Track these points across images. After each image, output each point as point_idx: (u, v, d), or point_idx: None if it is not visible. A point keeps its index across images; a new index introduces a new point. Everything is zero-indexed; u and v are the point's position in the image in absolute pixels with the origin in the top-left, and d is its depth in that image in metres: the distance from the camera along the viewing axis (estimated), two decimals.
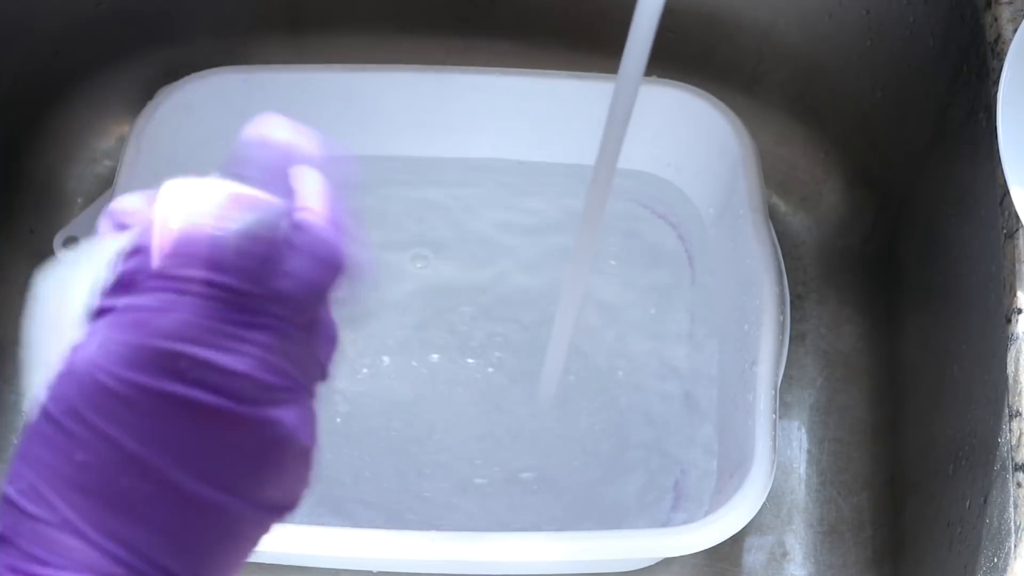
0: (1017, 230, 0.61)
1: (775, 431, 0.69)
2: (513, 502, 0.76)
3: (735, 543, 0.77)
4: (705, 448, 0.77)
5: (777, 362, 0.72)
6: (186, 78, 0.82)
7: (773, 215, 0.85)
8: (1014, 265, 0.61)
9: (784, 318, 0.74)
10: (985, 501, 0.61)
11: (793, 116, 0.88)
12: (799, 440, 0.81)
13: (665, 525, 0.75)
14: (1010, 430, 0.58)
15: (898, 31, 0.78)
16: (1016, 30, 0.62)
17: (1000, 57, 0.64)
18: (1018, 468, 0.57)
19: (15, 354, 0.78)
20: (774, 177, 0.87)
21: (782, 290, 0.75)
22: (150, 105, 0.81)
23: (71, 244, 0.84)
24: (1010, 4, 0.67)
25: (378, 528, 0.69)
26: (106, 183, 0.86)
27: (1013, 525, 0.56)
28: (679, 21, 0.83)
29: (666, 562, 0.77)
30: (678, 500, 0.76)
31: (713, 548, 0.67)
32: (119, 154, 0.80)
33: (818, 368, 0.84)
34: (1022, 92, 0.60)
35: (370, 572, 0.72)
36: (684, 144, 0.84)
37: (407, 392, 0.80)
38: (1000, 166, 0.59)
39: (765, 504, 0.68)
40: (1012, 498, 0.57)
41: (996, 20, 0.67)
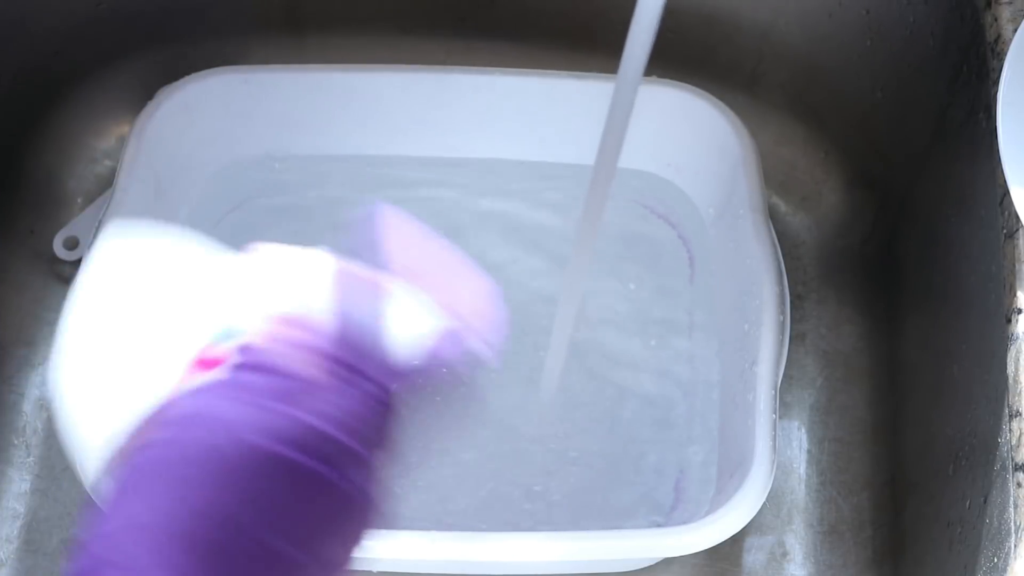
0: (1017, 230, 0.61)
1: (775, 431, 0.69)
2: (513, 502, 0.76)
3: (735, 543, 0.77)
4: (705, 448, 0.77)
5: (777, 362, 0.72)
6: (186, 78, 0.82)
7: (773, 215, 0.85)
8: (1014, 265, 0.61)
9: (784, 318, 0.74)
10: (985, 501, 0.61)
11: (793, 116, 0.88)
12: (799, 440, 0.81)
13: (665, 525, 0.75)
14: (1010, 430, 0.58)
15: (898, 31, 0.78)
16: (1016, 30, 0.62)
17: (1000, 57, 0.64)
18: (1018, 468, 0.57)
19: (15, 354, 0.78)
20: (774, 177, 0.87)
21: (782, 290, 0.75)
22: (150, 105, 0.81)
23: (71, 244, 0.84)
24: (1010, 4, 0.67)
25: (377, 528, 0.69)
26: (106, 183, 0.86)
27: (1013, 525, 0.56)
28: (679, 21, 0.83)
29: (666, 562, 0.77)
30: (678, 500, 0.76)
31: (713, 548, 0.67)
32: (119, 154, 0.80)
33: (818, 368, 0.84)
34: (1022, 92, 0.60)
35: (370, 572, 0.72)
36: (684, 144, 0.84)
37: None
38: (1000, 166, 0.59)
39: (765, 504, 0.68)
40: (1012, 498, 0.57)
41: (996, 20, 0.67)
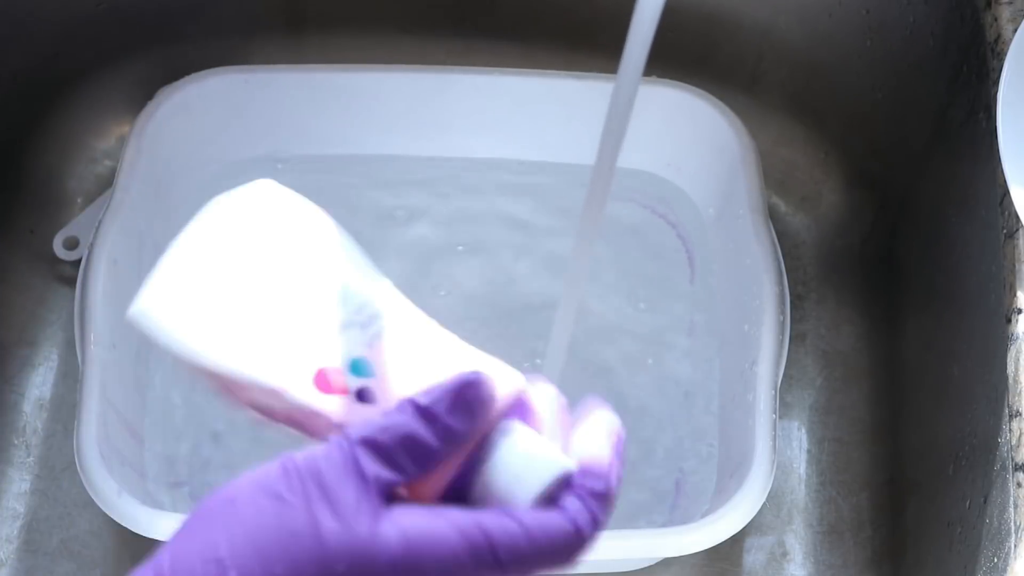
0: (1017, 230, 0.61)
1: (775, 431, 0.69)
2: None
3: (735, 543, 0.77)
4: (705, 448, 0.77)
5: (777, 362, 0.72)
6: (186, 78, 0.82)
7: (773, 215, 0.85)
8: (1014, 265, 0.61)
9: (784, 318, 0.74)
10: (985, 501, 0.61)
11: (793, 116, 0.88)
12: (799, 440, 0.81)
13: (665, 525, 0.75)
14: (1010, 430, 0.58)
15: (898, 31, 0.78)
16: (1016, 30, 0.62)
17: (1000, 57, 0.64)
18: (1018, 468, 0.57)
19: (15, 354, 0.78)
20: (774, 177, 0.87)
21: (782, 290, 0.75)
22: (150, 105, 0.81)
23: (71, 244, 0.84)
24: (1010, 4, 0.67)
25: None
26: (106, 183, 0.86)
27: (1013, 525, 0.56)
28: (679, 21, 0.83)
29: (666, 562, 0.77)
30: (678, 500, 0.76)
31: (713, 548, 0.67)
32: (119, 154, 0.80)
33: (818, 368, 0.84)
34: (1022, 92, 0.60)
35: None
36: (684, 144, 0.84)
37: None
38: (1000, 166, 0.59)
39: (765, 504, 0.68)
40: (1012, 498, 0.57)
41: (996, 20, 0.67)
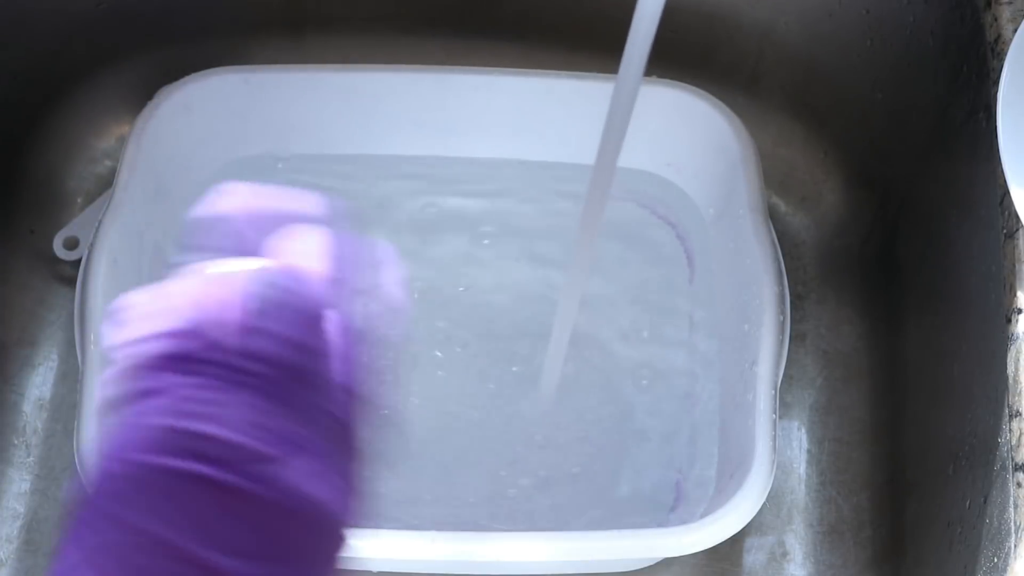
0: (1017, 230, 0.61)
1: (775, 431, 0.69)
2: (513, 502, 0.76)
3: (735, 543, 0.77)
4: (705, 448, 0.77)
5: (777, 362, 0.72)
6: (186, 78, 0.82)
7: (773, 215, 0.85)
8: (1014, 265, 0.61)
9: (784, 318, 0.74)
10: (985, 501, 0.61)
11: (793, 116, 0.88)
12: (799, 440, 0.81)
13: (665, 525, 0.75)
14: (1010, 430, 0.58)
15: (898, 31, 0.78)
16: (1016, 30, 0.62)
17: (1000, 57, 0.64)
18: (1018, 468, 0.57)
19: (15, 354, 0.78)
20: (774, 177, 0.87)
21: (782, 290, 0.75)
22: (150, 105, 0.81)
23: (71, 244, 0.84)
24: (1010, 4, 0.67)
25: (378, 528, 0.69)
26: (106, 183, 0.86)
27: (1013, 525, 0.56)
28: (679, 21, 0.83)
29: (666, 562, 0.77)
30: (678, 500, 0.76)
31: (713, 548, 0.67)
32: (119, 154, 0.80)
33: (818, 368, 0.84)
34: (1022, 92, 0.60)
35: (370, 572, 0.72)
36: (684, 144, 0.84)
37: (406, 391, 0.80)
38: (1000, 166, 0.59)
39: (765, 504, 0.68)
40: (1012, 498, 0.57)
41: (996, 20, 0.67)
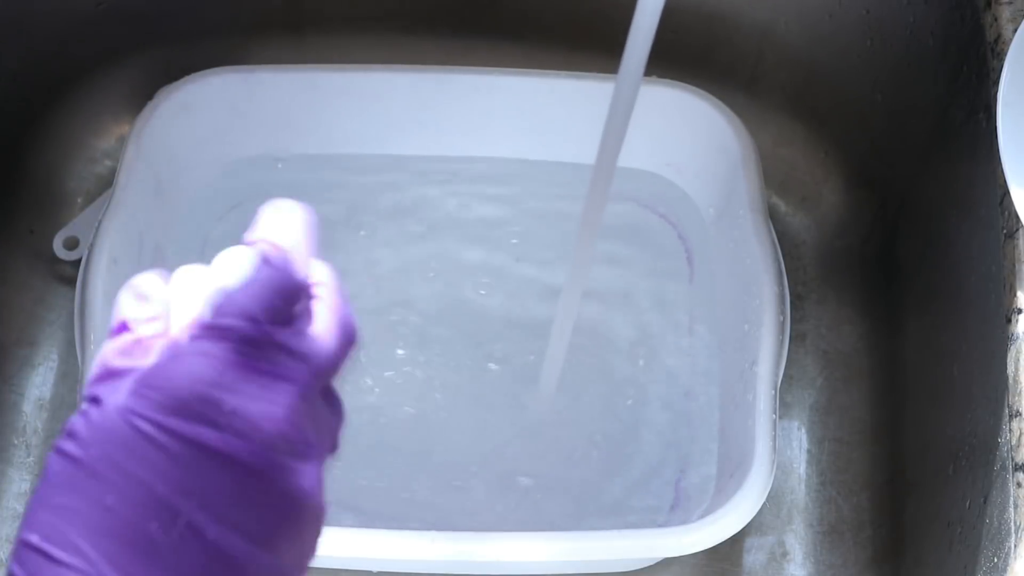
0: (1017, 230, 0.61)
1: (775, 431, 0.69)
2: (513, 503, 0.76)
3: (735, 543, 0.77)
4: (705, 448, 0.77)
5: (777, 362, 0.72)
6: (186, 78, 0.82)
7: (773, 215, 0.85)
8: (1014, 265, 0.61)
9: (784, 318, 0.74)
10: (985, 501, 0.61)
11: (793, 116, 0.88)
12: (799, 440, 0.81)
13: (665, 525, 0.75)
14: (1010, 430, 0.58)
15: (898, 31, 0.78)
16: (1016, 30, 0.62)
17: (1000, 57, 0.64)
18: (1018, 468, 0.57)
19: (15, 354, 0.78)
20: (774, 177, 0.87)
21: (782, 290, 0.75)
22: (150, 105, 0.81)
23: (71, 244, 0.84)
24: (1010, 4, 0.67)
25: (377, 529, 0.69)
26: (106, 183, 0.86)
27: (1013, 525, 0.56)
28: (679, 21, 0.83)
29: (666, 562, 0.77)
30: (678, 500, 0.76)
31: (713, 548, 0.67)
32: (119, 154, 0.80)
33: (818, 368, 0.84)
34: (1022, 92, 0.60)
35: (370, 572, 0.72)
36: (684, 144, 0.84)
37: (405, 391, 0.80)
38: (1000, 166, 0.59)
39: (765, 504, 0.68)
40: (1012, 498, 0.57)
41: (996, 20, 0.67)
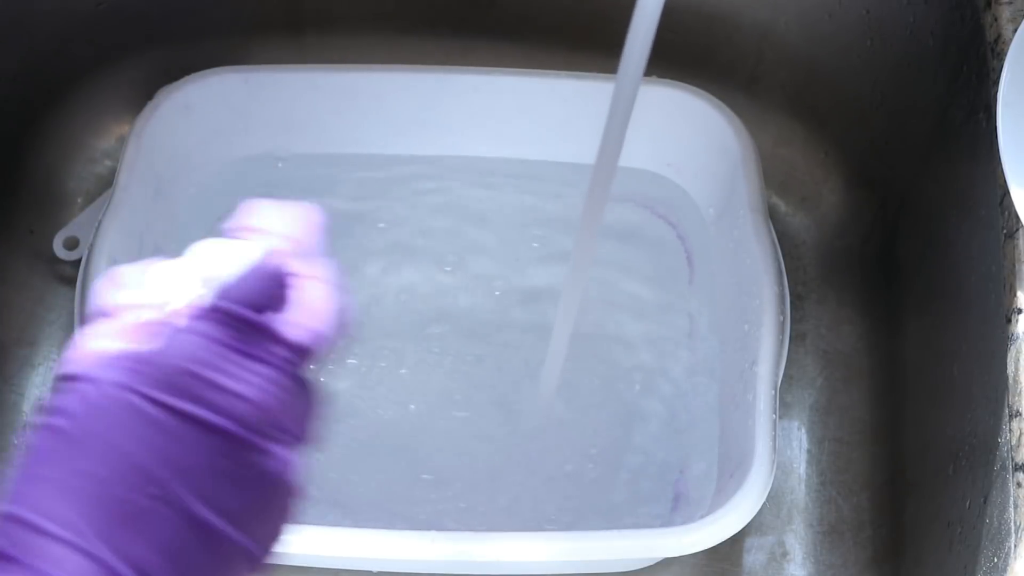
0: (1017, 230, 0.61)
1: (775, 431, 0.69)
2: (513, 502, 0.76)
3: (735, 543, 0.77)
4: (705, 448, 0.77)
5: (777, 362, 0.72)
6: (186, 78, 0.82)
7: (773, 215, 0.85)
8: (1014, 265, 0.61)
9: (784, 318, 0.74)
10: (985, 501, 0.61)
11: (793, 116, 0.88)
12: (799, 440, 0.81)
13: (665, 525, 0.75)
14: (1010, 430, 0.58)
15: (898, 31, 0.78)
16: (1016, 30, 0.62)
17: (1000, 57, 0.64)
18: (1018, 468, 0.57)
19: (15, 354, 0.78)
20: (774, 177, 0.87)
21: (782, 290, 0.75)
22: (150, 105, 0.81)
23: (71, 244, 0.84)
24: (1010, 4, 0.67)
25: (378, 529, 0.69)
26: (106, 183, 0.86)
27: (1013, 525, 0.56)
28: (679, 21, 0.83)
29: (666, 562, 0.77)
30: (678, 500, 0.76)
31: (713, 548, 0.67)
32: (119, 154, 0.80)
33: (818, 368, 0.84)
34: (1022, 92, 0.60)
35: (370, 572, 0.72)
36: (684, 144, 0.84)
37: (407, 391, 0.80)
38: (1000, 166, 0.59)
39: (765, 504, 0.68)
40: (1012, 498, 0.57)
41: (996, 20, 0.67)
